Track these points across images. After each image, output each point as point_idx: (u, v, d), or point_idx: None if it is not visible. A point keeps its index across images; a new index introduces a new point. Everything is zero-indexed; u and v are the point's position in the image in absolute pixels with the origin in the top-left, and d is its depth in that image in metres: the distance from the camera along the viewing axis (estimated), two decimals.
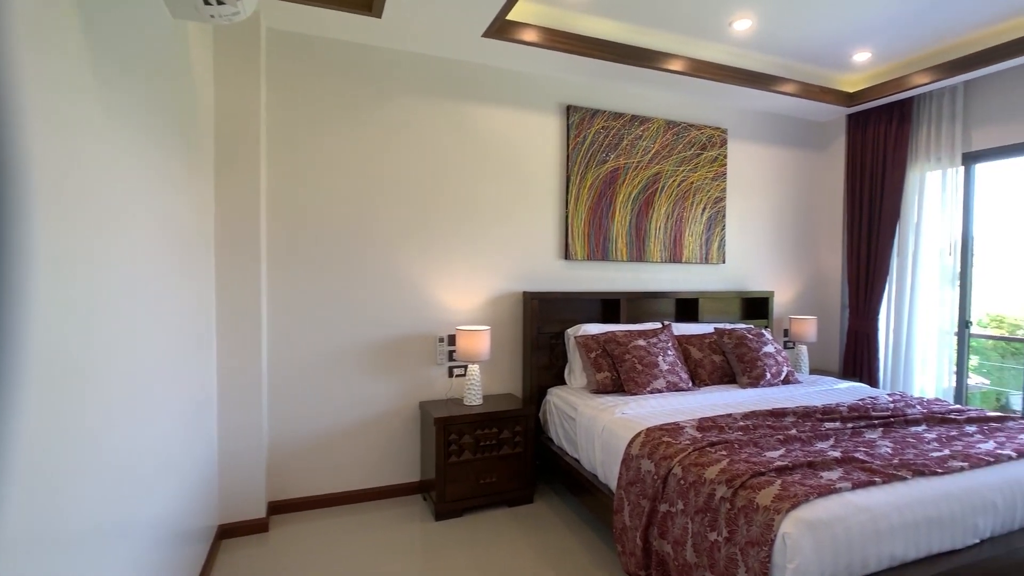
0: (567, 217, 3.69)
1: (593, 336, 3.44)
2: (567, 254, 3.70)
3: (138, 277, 1.58)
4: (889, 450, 2.28)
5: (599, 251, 3.80)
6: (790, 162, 4.52)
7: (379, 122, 3.22)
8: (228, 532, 2.80)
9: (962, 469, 2.11)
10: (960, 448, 2.30)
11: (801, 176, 4.59)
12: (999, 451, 2.26)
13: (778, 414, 2.74)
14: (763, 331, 3.72)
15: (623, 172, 3.84)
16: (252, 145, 2.81)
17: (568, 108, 3.66)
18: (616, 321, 3.80)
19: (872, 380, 4.12)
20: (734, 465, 2.04)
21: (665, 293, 3.92)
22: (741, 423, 2.58)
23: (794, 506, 1.77)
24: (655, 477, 2.22)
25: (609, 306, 3.86)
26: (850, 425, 2.60)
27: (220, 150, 2.74)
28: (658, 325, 3.74)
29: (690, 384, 3.34)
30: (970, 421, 2.66)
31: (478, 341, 3.16)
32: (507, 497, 3.18)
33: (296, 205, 3.07)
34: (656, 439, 2.38)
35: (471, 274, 3.48)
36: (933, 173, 3.85)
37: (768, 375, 3.43)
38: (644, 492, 2.26)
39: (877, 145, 4.08)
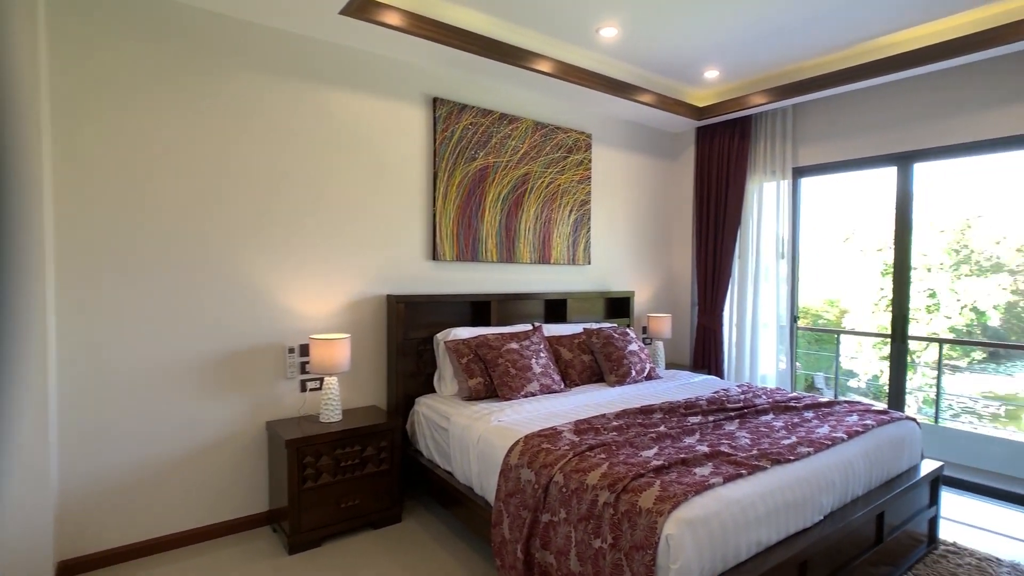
0: (435, 216, 3.50)
1: (464, 340, 3.28)
2: (435, 254, 3.51)
3: None
4: (748, 441, 2.39)
5: (469, 251, 3.66)
6: (647, 169, 4.75)
7: (219, 103, 2.77)
8: None
9: (809, 454, 2.27)
10: (804, 434, 2.49)
11: (657, 182, 4.85)
12: (834, 434, 2.48)
13: (647, 411, 2.79)
14: (627, 330, 3.84)
15: (492, 171, 3.75)
16: (29, 119, 2.25)
17: (435, 100, 3.47)
18: (487, 324, 3.68)
19: (719, 371, 4.46)
20: (614, 468, 1.99)
21: (535, 294, 3.89)
22: (615, 423, 2.58)
23: (675, 506, 1.75)
24: (536, 487, 2.11)
25: (479, 308, 3.73)
26: (711, 418, 2.72)
27: None
28: (529, 327, 3.69)
29: (562, 385, 3.32)
30: (807, 408, 2.92)
31: (336, 350, 2.85)
32: (372, 519, 2.90)
33: (103, 195, 2.52)
34: (535, 447, 2.27)
35: (329, 277, 3.14)
36: (769, 184, 4.26)
37: (633, 372, 3.53)
38: (525, 503, 2.14)
39: (722, 157, 4.43)
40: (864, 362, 8.69)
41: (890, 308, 3.88)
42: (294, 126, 3.00)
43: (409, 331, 3.37)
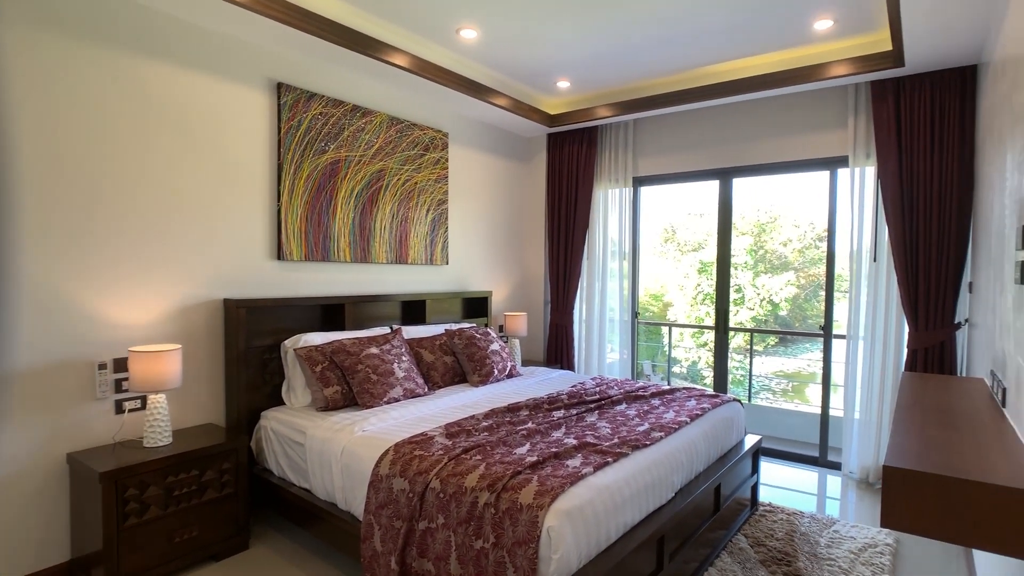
0: (280, 212, 3.20)
1: (317, 347, 3.05)
2: (281, 254, 3.21)
3: None
4: (608, 430, 2.54)
5: (319, 251, 3.41)
6: (503, 171, 4.84)
7: (11, 71, 2.23)
8: None
9: (661, 438, 2.47)
10: (655, 420, 2.71)
11: (512, 185, 4.97)
12: (679, 419, 2.73)
13: (514, 409, 2.83)
14: (488, 330, 3.87)
15: (345, 165, 3.53)
16: None
17: (280, 86, 3.18)
18: (341, 328, 3.46)
19: (571, 365, 4.70)
20: (492, 468, 1.98)
21: (392, 296, 3.75)
22: (485, 423, 2.57)
23: (554, 499, 1.79)
24: (411, 495, 2.02)
25: (331, 312, 3.50)
26: (573, 411, 2.84)
27: None
28: (387, 330, 3.54)
29: (426, 388, 3.23)
30: (654, 396, 3.18)
31: (163, 364, 2.46)
32: (214, 551, 2.56)
33: None
34: (407, 454, 2.17)
35: (151, 279, 2.71)
36: (613, 191, 4.59)
37: (496, 372, 3.56)
38: (398, 513, 2.03)
39: (572, 163, 4.67)
40: (684, 350, 9.82)
41: (707, 301, 4.40)
42: (109, 104, 2.54)
43: (252, 339, 3.04)
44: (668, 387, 3.35)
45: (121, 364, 2.59)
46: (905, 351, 3.40)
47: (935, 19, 2.59)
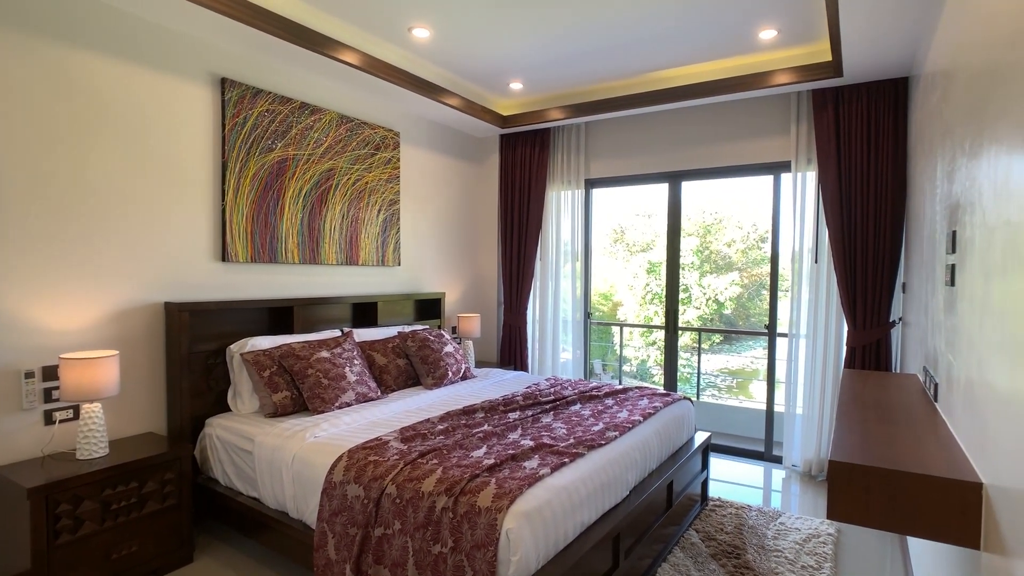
0: (225, 211, 3.08)
1: (265, 351, 2.94)
2: (225, 255, 3.09)
3: None
4: (564, 431, 2.56)
5: (266, 252, 3.29)
6: (456, 171, 4.81)
7: None
8: None
9: (616, 437, 2.51)
10: (609, 420, 2.75)
11: (466, 185, 4.94)
12: (632, 418, 2.78)
13: (469, 411, 2.81)
14: (442, 332, 3.83)
15: (293, 164, 3.43)
16: None
17: (224, 81, 3.05)
18: (289, 331, 3.36)
19: (524, 366, 4.71)
20: (449, 472, 1.96)
21: (342, 298, 3.66)
22: (440, 427, 2.54)
23: (512, 501, 1.79)
24: (366, 501, 1.97)
25: (279, 315, 3.39)
26: (528, 412, 2.85)
27: None
28: (337, 333, 3.46)
29: (379, 392, 3.18)
30: (607, 395, 3.23)
31: (98, 371, 2.32)
32: (155, 565, 2.43)
33: None
34: (362, 460, 2.12)
35: (85, 282, 2.55)
36: (565, 192, 4.63)
37: (450, 374, 3.53)
38: (353, 520, 1.98)
39: (524, 165, 4.69)
40: (634, 349, 10.04)
41: (656, 301, 4.50)
42: (39, 98, 2.37)
43: (195, 343, 2.91)
44: (621, 387, 3.41)
45: (51, 372, 2.43)
46: (844, 348, 3.57)
47: (870, 31, 2.73)
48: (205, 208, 3.02)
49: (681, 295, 4.39)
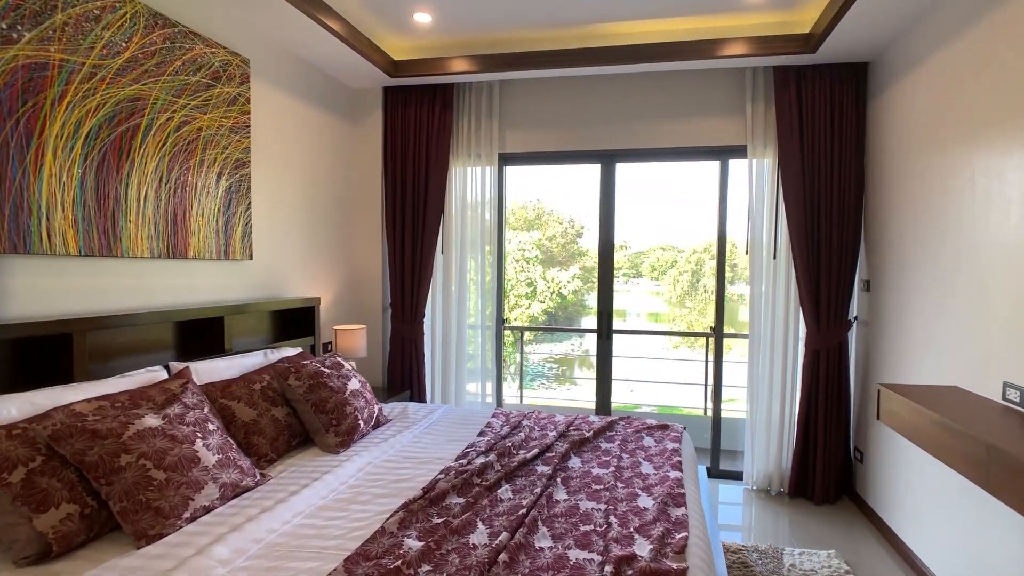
0: None
1: (16, 427, 1.49)
2: None
3: None
4: (614, 518, 1.66)
5: (6, 235, 1.76)
6: (326, 130, 3.47)
7: None
8: None
9: (684, 517, 1.69)
10: (641, 484, 1.93)
11: (338, 150, 3.62)
12: (667, 474, 2.02)
13: (436, 500, 1.72)
14: (341, 359, 2.59)
15: (62, 76, 1.91)
16: None
17: None
18: (67, 378, 1.86)
19: (420, 392, 3.62)
20: None
21: (162, 310, 2.23)
22: (409, 544, 1.44)
23: None
24: None
25: (44, 350, 1.87)
26: (528, 485, 1.88)
27: None
28: (160, 371, 2.05)
29: (256, 475, 1.88)
30: (595, 435, 2.39)
31: None
32: None
33: None
34: None
35: None
36: (474, 169, 3.63)
37: (361, 424, 2.33)
38: None
39: (420, 129, 3.56)
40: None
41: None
42: None
43: None
44: (599, 419, 2.60)
45: None
46: (803, 352, 3.24)
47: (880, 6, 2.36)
48: None
49: (526, 289, 3.73)
